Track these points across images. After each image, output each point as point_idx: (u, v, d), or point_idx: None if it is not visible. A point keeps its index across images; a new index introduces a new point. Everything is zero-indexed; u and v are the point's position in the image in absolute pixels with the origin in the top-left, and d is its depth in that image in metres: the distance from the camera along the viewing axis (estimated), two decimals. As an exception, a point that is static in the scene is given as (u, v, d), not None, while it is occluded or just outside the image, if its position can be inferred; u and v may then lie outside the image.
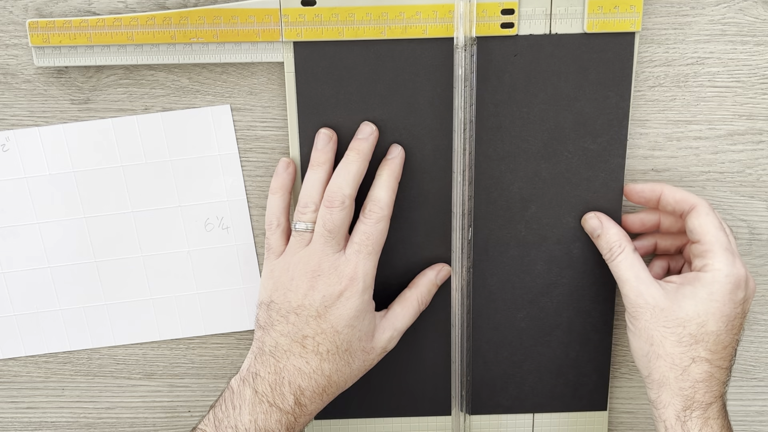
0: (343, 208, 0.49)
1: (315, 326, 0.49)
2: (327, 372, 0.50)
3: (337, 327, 0.49)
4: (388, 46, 0.50)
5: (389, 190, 0.51)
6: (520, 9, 0.49)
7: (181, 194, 0.55)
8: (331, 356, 0.49)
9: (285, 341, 0.50)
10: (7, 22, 0.51)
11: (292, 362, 0.49)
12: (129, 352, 0.58)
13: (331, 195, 0.49)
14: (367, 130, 0.51)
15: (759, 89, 0.53)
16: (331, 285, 0.49)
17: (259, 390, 0.49)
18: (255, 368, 0.50)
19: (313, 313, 0.49)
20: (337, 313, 0.49)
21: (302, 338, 0.49)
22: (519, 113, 0.52)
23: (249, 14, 0.49)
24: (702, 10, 0.51)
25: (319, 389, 0.50)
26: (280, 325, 0.50)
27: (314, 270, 0.49)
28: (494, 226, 0.54)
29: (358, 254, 0.49)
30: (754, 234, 0.56)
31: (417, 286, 0.54)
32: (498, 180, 0.53)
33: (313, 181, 0.51)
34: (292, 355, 0.49)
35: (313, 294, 0.49)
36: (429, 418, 0.58)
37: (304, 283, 0.50)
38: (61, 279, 0.56)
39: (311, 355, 0.49)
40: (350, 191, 0.50)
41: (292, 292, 0.50)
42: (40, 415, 0.60)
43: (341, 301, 0.49)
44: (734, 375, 0.59)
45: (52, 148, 0.54)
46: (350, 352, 0.50)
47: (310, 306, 0.49)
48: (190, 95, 0.53)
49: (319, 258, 0.49)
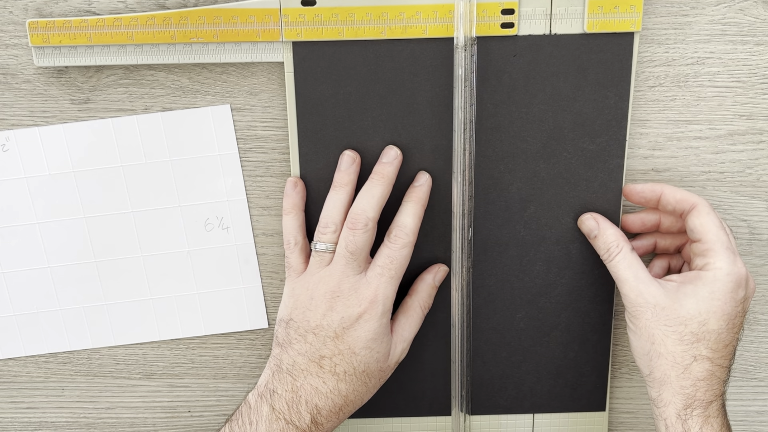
0: (366, 230, 0.49)
1: (332, 347, 0.49)
2: (344, 392, 0.50)
3: (355, 349, 0.49)
4: (388, 46, 0.50)
5: (415, 217, 0.51)
6: (520, 9, 0.49)
7: (181, 194, 0.55)
8: (348, 377, 0.50)
9: (302, 360, 0.50)
10: (7, 22, 0.51)
11: (309, 381, 0.50)
12: (129, 352, 0.58)
13: (355, 217, 0.50)
14: (392, 153, 0.51)
15: (759, 89, 0.53)
16: (351, 307, 0.49)
17: (276, 407, 0.49)
18: (272, 385, 0.50)
19: (331, 333, 0.49)
20: (355, 335, 0.49)
21: (319, 358, 0.50)
22: (518, 113, 0.52)
23: (249, 14, 0.49)
24: (702, 10, 0.51)
25: (336, 408, 0.50)
26: (298, 344, 0.50)
27: (334, 291, 0.50)
28: (493, 226, 0.54)
29: (380, 277, 0.50)
30: (755, 234, 0.56)
31: (417, 293, 0.54)
32: (497, 180, 0.53)
33: (335, 202, 0.51)
34: (309, 375, 0.50)
35: (332, 315, 0.49)
36: (429, 418, 0.58)
37: (324, 304, 0.50)
38: (61, 279, 0.56)
39: (328, 375, 0.49)
40: (374, 214, 0.50)
41: (312, 312, 0.50)
42: (40, 415, 0.60)
43: (360, 323, 0.49)
44: (734, 375, 0.59)
45: (52, 148, 0.54)
46: (367, 373, 0.50)
47: (329, 327, 0.49)
48: (190, 95, 0.53)
49: (340, 279, 0.50)
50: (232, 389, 0.60)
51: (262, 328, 0.58)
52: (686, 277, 0.49)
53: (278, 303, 0.57)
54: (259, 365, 0.59)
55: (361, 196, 0.50)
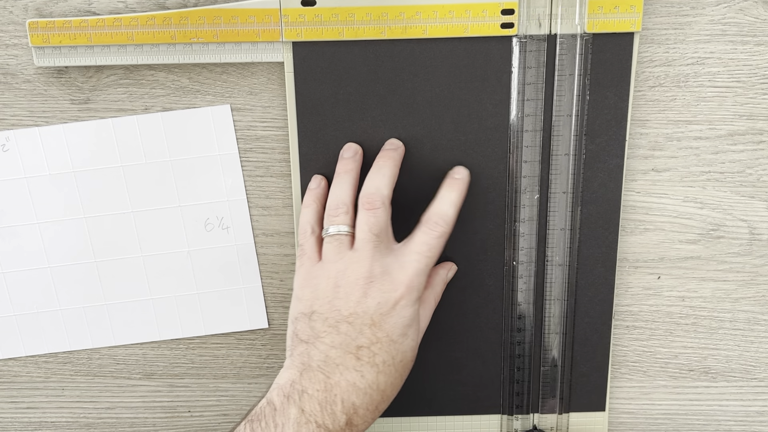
0: (384, 208, 0.48)
1: (370, 335, 0.46)
2: (382, 386, 0.47)
3: (393, 336, 0.47)
4: (388, 46, 0.50)
5: (455, 206, 0.49)
6: (520, 9, 0.49)
7: (181, 194, 0.55)
8: (387, 368, 0.46)
9: (336, 353, 0.46)
10: (7, 22, 0.51)
11: (345, 377, 0.46)
12: (129, 352, 0.58)
13: (371, 196, 0.48)
14: (395, 142, 0.51)
15: (759, 89, 0.53)
16: (386, 291, 0.47)
17: (306, 409, 0.45)
18: (302, 385, 0.46)
19: (368, 321, 0.46)
20: (392, 322, 0.47)
21: (356, 349, 0.46)
22: (518, 113, 0.52)
23: (249, 14, 0.49)
24: (702, 10, 0.51)
25: (373, 406, 0.47)
26: (329, 336, 0.47)
27: (366, 276, 0.47)
28: (493, 226, 0.54)
29: (416, 263, 0.47)
30: (755, 234, 0.56)
31: (433, 286, 0.52)
32: (497, 179, 0.53)
33: (342, 185, 0.49)
34: (346, 369, 0.46)
35: (367, 301, 0.46)
36: (429, 418, 0.58)
37: (356, 291, 0.47)
38: (61, 279, 0.56)
39: (367, 367, 0.46)
40: (388, 192, 0.48)
41: (341, 300, 0.47)
42: (40, 415, 0.60)
43: (397, 309, 0.47)
44: (734, 375, 0.59)
45: (52, 148, 0.54)
46: (404, 363, 0.48)
47: (364, 314, 0.46)
48: (190, 95, 0.53)
49: (370, 263, 0.47)
50: (232, 389, 0.60)
51: (262, 328, 0.58)
52: None
53: (278, 303, 0.57)
54: (259, 365, 0.59)
55: (371, 176, 0.49)
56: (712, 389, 0.60)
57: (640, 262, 0.56)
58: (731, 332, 0.58)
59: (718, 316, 0.58)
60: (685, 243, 0.56)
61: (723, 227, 0.56)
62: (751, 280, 0.57)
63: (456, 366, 0.57)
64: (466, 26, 0.50)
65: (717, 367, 0.59)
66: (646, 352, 0.58)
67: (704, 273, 0.57)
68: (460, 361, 0.57)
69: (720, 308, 0.58)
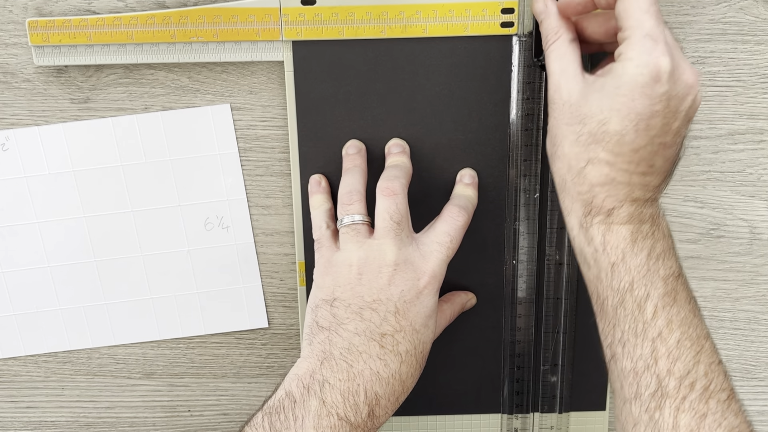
0: (404, 196, 0.47)
1: (394, 323, 0.45)
2: (404, 376, 0.46)
3: (416, 325, 0.46)
4: (388, 46, 0.50)
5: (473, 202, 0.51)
6: (520, 8, 0.49)
7: (181, 194, 0.55)
8: (409, 358, 0.46)
9: (360, 341, 0.45)
10: (6, 21, 0.51)
11: (369, 365, 0.45)
12: (129, 351, 0.58)
13: (390, 182, 0.47)
14: (401, 144, 0.52)
15: (760, 89, 0.53)
16: (410, 280, 0.46)
17: (327, 400, 0.44)
18: (322, 374, 0.45)
19: (392, 308, 0.46)
20: (415, 311, 0.46)
21: (381, 336, 0.45)
22: (518, 113, 0.52)
23: (249, 13, 0.49)
24: (702, 10, 0.51)
25: (394, 397, 0.46)
26: (353, 322, 0.46)
27: (390, 265, 0.46)
28: (493, 225, 0.54)
29: (438, 254, 0.47)
30: (755, 234, 0.56)
31: (453, 303, 0.53)
32: (497, 179, 0.53)
33: (353, 176, 0.49)
34: (369, 357, 0.45)
35: (391, 289, 0.46)
36: (428, 417, 0.58)
37: (380, 278, 0.46)
38: (61, 279, 0.56)
39: (390, 355, 0.45)
40: (405, 181, 0.48)
41: (364, 287, 0.46)
42: (40, 415, 0.60)
43: (420, 298, 0.46)
44: (734, 374, 0.59)
45: (52, 148, 0.54)
46: (424, 354, 0.47)
47: (388, 301, 0.46)
48: (190, 94, 0.53)
49: (394, 251, 0.46)
50: (232, 389, 0.60)
51: (262, 327, 0.58)
52: (604, 70, 0.43)
53: (278, 303, 0.57)
54: (259, 364, 0.59)
55: (388, 169, 0.49)
56: (712, 389, 0.59)
57: (640, 262, 0.56)
58: (731, 332, 0.58)
59: (719, 315, 0.58)
60: (686, 242, 0.56)
61: (723, 227, 0.56)
62: (752, 280, 0.57)
63: (456, 365, 0.57)
64: (466, 25, 0.50)
65: (717, 367, 0.59)
66: (646, 352, 0.58)
67: (704, 272, 0.57)
68: (460, 360, 0.57)
69: (720, 308, 0.58)
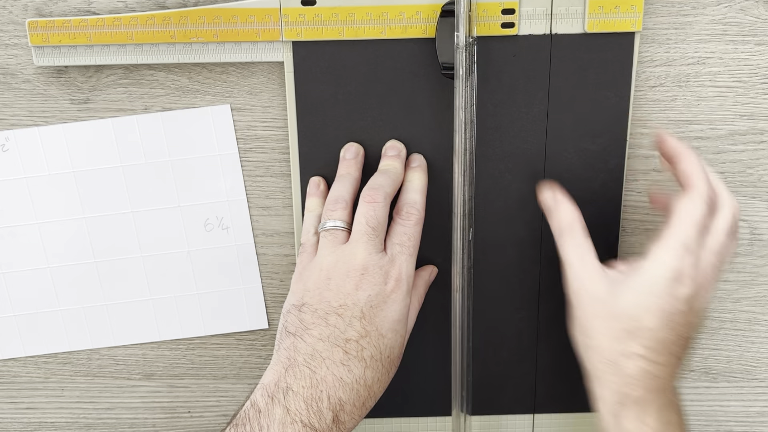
0: (385, 204, 0.48)
1: (359, 328, 0.46)
2: (369, 381, 0.46)
3: (382, 330, 0.46)
4: (388, 46, 0.50)
5: (422, 194, 0.50)
6: (520, 9, 0.49)
7: (181, 194, 0.55)
8: (374, 363, 0.46)
9: (324, 346, 0.45)
10: (6, 21, 0.51)
11: (332, 371, 0.45)
12: (129, 352, 0.58)
13: (373, 191, 0.48)
14: (397, 146, 0.52)
15: (760, 89, 0.53)
16: (378, 285, 0.46)
17: (291, 408, 0.44)
18: (286, 382, 0.45)
19: (358, 313, 0.46)
20: (382, 315, 0.46)
21: (345, 342, 0.45)
22: (518, 113, 0.52)
23: (249, 14, 0.49)
24: (703, 10, 0.51)
25: (360, 402, 0.46)
26: (318, 328, 0.46)
27: (358, 269, 0.46)
28: (493, 226, 0.54)
29: (401, 255, 0.48)
30: (755, 234, 0.56)
31: (416, 287, 0.53)
32: (497, 180, 0.53)
33: (343, 183, 0.50)
34: (333, 363, 0.45)
35: (358, 293, 0.46)
36: (428, 418, 0.58)
37: (347, 283, 0.46)
38: (61, 279, 0.56)
39: (354, 361, 0.45)
40: (390, 190, 0.48)
41: (332, 292, 0.46)
42: (40, 416, 0.60)
43: (388, 303, 0.46)
44: (735, 375, 0.59)
45: (52, 148, 0.54)
46: (391, 359, 0.47)
47: (354, 306, 0.46)
48: (190, 95, 0.53)
49: (364, 256, 0.46)
50: (232, 390, 0.60)
51: (262, 328, 0.58)
52: (630, 267, 0.46)
53: (278, 303, 0.57)
54: (259, 365, 0.59)
55: (376, 176, 0.49)
56: (712, 390, 0.59)
57: (640, 263, 0.56)
58: (732, 333, 0.58)
59: (719, 316, 0.58)
60: (686, 243, 0.56)
61: (724, 227, 0.55)
62: (752, 281, 0.57)
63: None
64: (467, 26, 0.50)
65: (718, 368, 0.59)
66: (646, 353, 0.58)
67: (705, 273, 0.57)
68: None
69: (721, 308, 0.58)
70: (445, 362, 0.57)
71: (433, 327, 0.56)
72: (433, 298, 0.55)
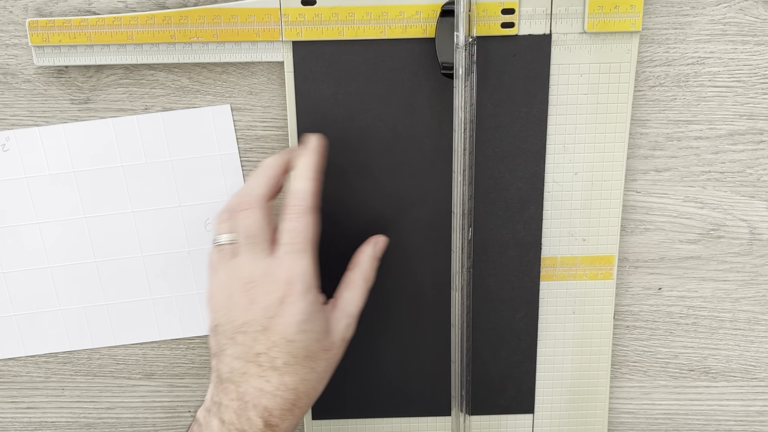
0: (258, 207, 0.47)
1: (265, 340, 0.46)
2: (291, 385, 0.46)
3: (288, 336, 0.46)
4: (388, 46, 0.50)
5: (308, 180, 0.47)
6: (520, 9, 0.49)
7: (181, 194, 0.55)
8: (290, 368, 0.46)
9: (239, 364, 0.46)
10: (7, 21, 0.51)
11: (252, 384, 0.46)
12: (129, 352, 0.58)
13: (241, 199, 0.47)
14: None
15: (760, 89, 0.53)
16: (269, 293, 0.46)
17: (225, 419, 0.46)
18: (218, 397, 0.47)
19: (259, 327, 0.46)
20: (284, 322, 0.46)
21: (255, 356, 0.46)
22: (518, 113, 0.52)
23: (249, 14, 0.49)
24: (702, 10, 0.51)
25: (288, 405, 0.46)
26: (230, 348, 0.46)
27: (247, 281, 0.46)
28: (493, 226, 0.54)
29: (289, 254, 0.46)
30: (755, 234, 0.56)
31: (358, 265, 0.51)
32: (497, 180, 0.53)
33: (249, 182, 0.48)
34: (250, 377, 0.46)
35: (254, 307, 0.46)
36: (428, 418, 0.58)
37: (243, 299, 0.46)
38: (61, 279, 0.56)
39: (269, 372, 0.46)
40: (263, 191, 0.47)
41: (234, 311, 0.47)
42: (40, 415, 0.60)
43: (285, 308, 0.46)
44: (734, 375, 0.59)
45: (52, 148, 0.54)
46: (311, 357, 0.47)
47: (254, 321, 0.46)
48: (190, 95, 0.53)
49: (249, 267, 0.46)
50: (232, 389, 0.60)
51: (262, 328, 0.58)
52: None
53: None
54: (259, 365, 0.59)
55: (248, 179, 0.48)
56: (712, 389, 0.59)
57: (640, 262, 0.56)
58: (731, 332, 0.58)
59: (719, 316, 0.58)
60: (686, 243, 0.56)
61: (723, 227, 0.56)
62: (752, 280, 0.57)
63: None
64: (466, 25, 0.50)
65: (717, 367, 0.59)
66: (646, 352, 0.58)
67: (704, 273, 0.57)
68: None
69: (720, 308, 0.58)
70: (445, 362, 0.57)
71: (433, 327, 0.56)
72: (433, 298, 0.55)
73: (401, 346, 0.56)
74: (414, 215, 0.54)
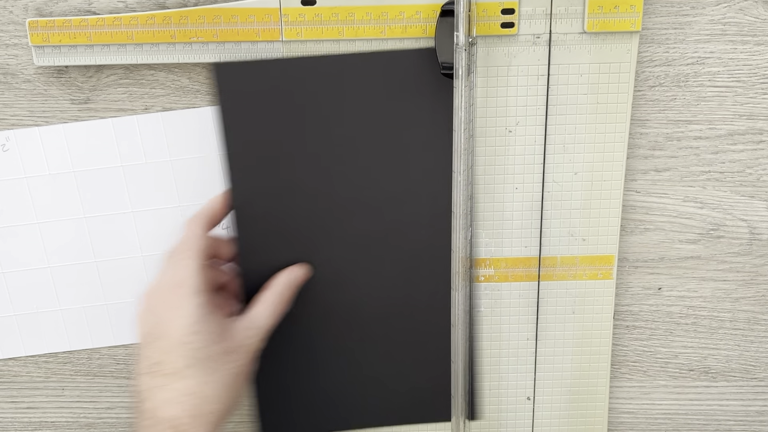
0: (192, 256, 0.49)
1: (163, 347, 0.47)
2: (194, 388, 0.46)
3: (183, 338, 0.46)
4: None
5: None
6: (520, 9, 0.49)
7: (181, 194, 0.55)
8: (190, 370, 0.46)
9: (146, 379, 0.47)
10: (7, 21, 0.51)
11: (157, 397, 0.46)
12: (129, 352, 0.58)
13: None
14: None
15: (759, 89, 0.53)
16: (163, 300, 0.48)
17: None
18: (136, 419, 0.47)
19: (157, 335, 0.47)
20: (176, 325, 0.47)
21: (157, 365, 0.46)
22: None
23: (249, 14, 0.49)
24: (702, 10, 0.51)
25: (195, 410, 0.46)
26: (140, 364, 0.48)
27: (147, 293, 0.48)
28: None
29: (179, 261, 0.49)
30: (755, 234, 0.56)
31: (273, 287, 0.52)
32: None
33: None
34: (149, 390, 0.46)
35: (152, 318, 0.48)
36: (428, 425, 0.58)
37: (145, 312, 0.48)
38: (61, 279, 0.56)
39: (171, 378, 0.46)
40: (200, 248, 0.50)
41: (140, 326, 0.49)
42: (40, 415, 0.60)
43: (175, 312, 0.47)
44: (734, 375, 0.59)
45: (52, 148, 0.54)
46: (211, 358, 0.47)
47: (152, 330, 0.47)
48: (190, 95, 0.53)
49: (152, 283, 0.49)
50: (232, 389, 0.60)
51: (262, 328, 0.58)
52: None
53: (278, 303, 0.57)
54: (259, 365, 0.59)
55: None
56: (712, 389, 0.60)
57: (640, 262, 0.56)
58: (731, 332, 0.58)
59: (718, 315, 0.58)
60: (685, 243, 0.56)
61: (723, 227, 0.56)
62: (751, 280, 0.57)
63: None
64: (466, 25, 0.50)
65: (717, 367, 0.59)
66: (646, 352, 0.58)
67: (704, 273, 0.57)
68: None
69: (720, 308, 0.58)
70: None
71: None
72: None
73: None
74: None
